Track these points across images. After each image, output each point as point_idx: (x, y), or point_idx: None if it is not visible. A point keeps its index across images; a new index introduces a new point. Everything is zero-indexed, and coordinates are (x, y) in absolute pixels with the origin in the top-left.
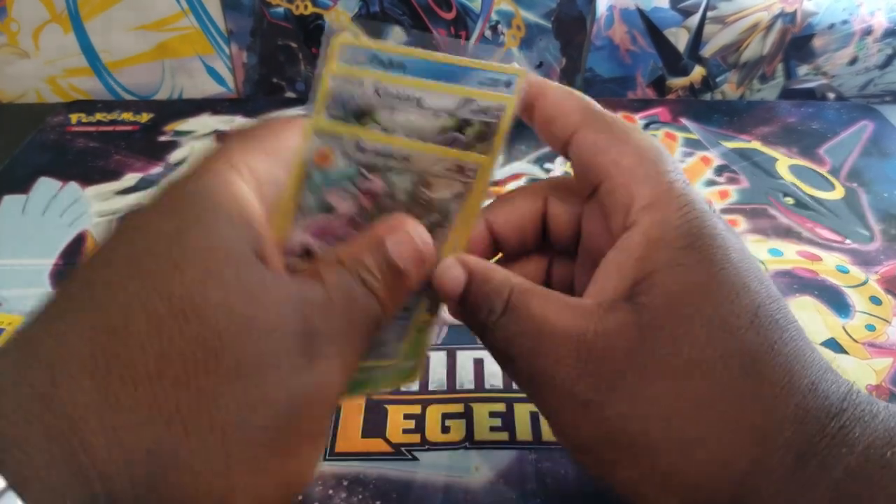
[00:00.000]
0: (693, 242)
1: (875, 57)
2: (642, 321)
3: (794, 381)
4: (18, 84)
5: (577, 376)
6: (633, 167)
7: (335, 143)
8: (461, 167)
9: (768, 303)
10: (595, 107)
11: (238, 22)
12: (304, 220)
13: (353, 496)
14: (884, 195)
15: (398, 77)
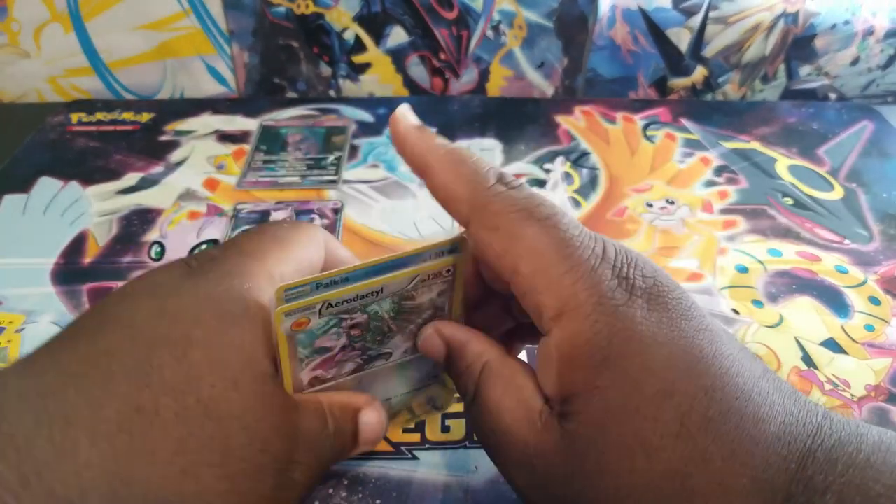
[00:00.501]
0: (606, 358)
1: (877, 57)
2: (570, 449)
3: (729, 487)
4: (19, 84)
5: (529, 486)
6: (532, 276)
7: (306, 312)
8: (436, 273)
9: (698, 400)
10: (479, 190)
11: (239, 21)
12: (303, 365)
13: (353, 495)
14: (883, 196)
15: (344, 289)
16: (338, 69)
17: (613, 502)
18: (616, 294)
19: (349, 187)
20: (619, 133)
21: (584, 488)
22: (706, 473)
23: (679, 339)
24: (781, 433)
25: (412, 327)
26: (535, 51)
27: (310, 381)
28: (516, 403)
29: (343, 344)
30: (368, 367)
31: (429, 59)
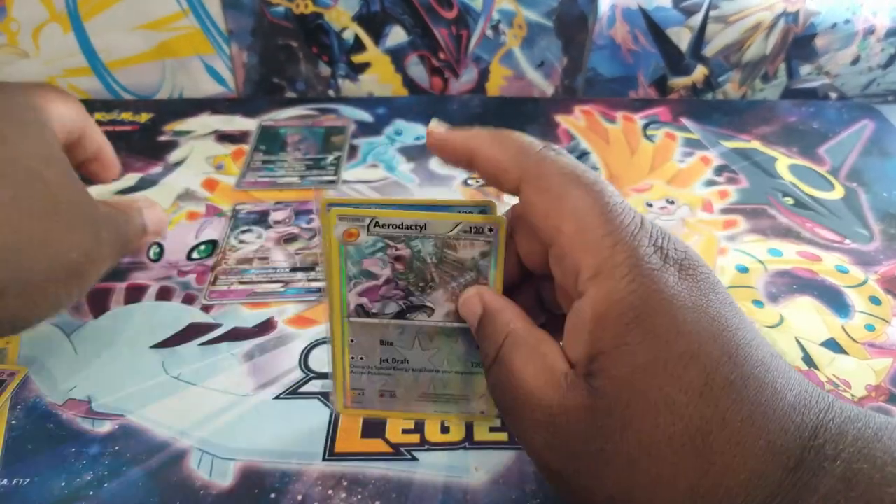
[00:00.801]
0: (638, 316)
1: (877, 56)
2: (595, 405)
3: (747, 447)
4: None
5: (545, 447)
6: (574, 235)
7: (357, 223)
8: (478, 228)
9: (722, 364)
10: (529, 158)
11: (238, 21)
12: (351, 286)
13: (352, 496)
14: (883, 195)
15: (390, 211)
16: (337, 69)
17: (635, 456)
18: (652, 259)
19: (349, 187)
20: (618, 133)
21: (606, 443)
22: (725, 433)
23: (707, 308)
24: (797, 404)
25: (454, 285)
26: (535, 50)
27: (355, 308)
28: (540, 368)
29: (387, 277)
30: (411, 316)
31: (428, 58)
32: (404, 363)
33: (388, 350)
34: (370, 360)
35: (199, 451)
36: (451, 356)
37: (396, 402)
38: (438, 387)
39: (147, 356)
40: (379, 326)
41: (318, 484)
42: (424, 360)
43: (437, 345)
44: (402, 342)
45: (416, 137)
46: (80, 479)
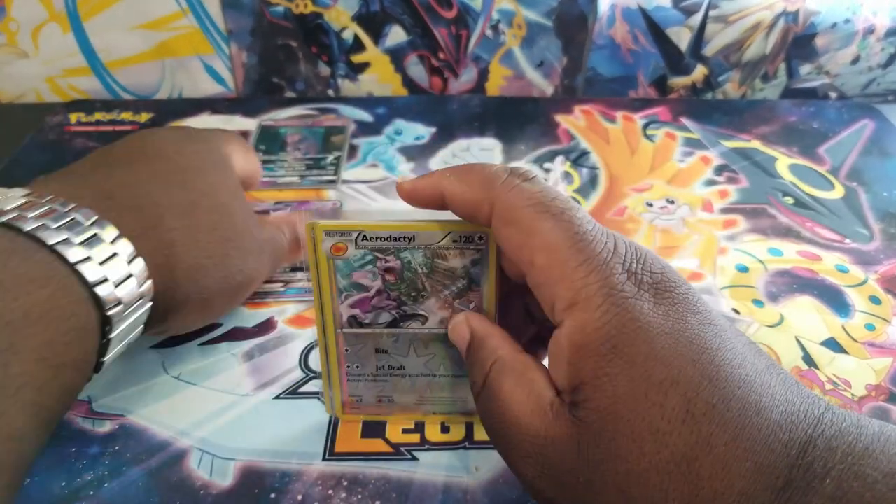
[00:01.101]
0: (615, 346)
1: (877, 56)
2: (581, 437)
3: (733, 469)
4: (18, 84)
5: (537, 476)
6: (546, 268)
7: (344, 238)
8: (468, 237)
9: (703, 388)
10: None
11: (238, 21)
12: (343, 298)
13: (352, 496)
14: (883, 194)
15: (377, 223)
16: (336, 69)
17: (624, 486)
18: (625, 287)
19: (348, 187)
20: (618, 132)
21: (594, 475)
22: (710, 457)
23: (685, 331)
24: (783, 421)
25: (446, 293)
26: (535, 50)
27: (348, 320)
28: (527, 395)
29: (378, 288)
30: (405, 325)
31: (428, 58)
32: (400, 369)
33: (383, 358)
34: (366, 368)
35: (199, 450)
36: (446, 360)
37: (395, 407)
38: (436, 390)
39: (147, 356)
40: (373, 335)
41: (318, 484)
42: (420, 366)
43: (432, 350)
44: (398, 350)
45: (416, 137)
46: (80, 479)
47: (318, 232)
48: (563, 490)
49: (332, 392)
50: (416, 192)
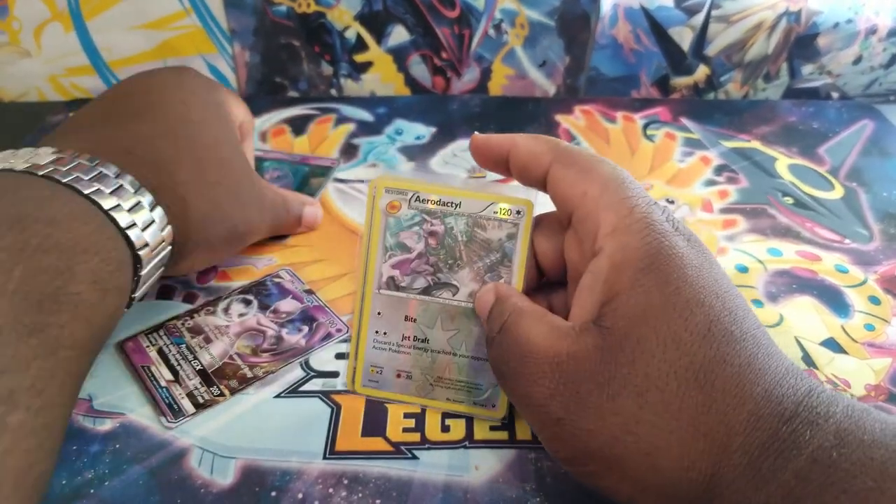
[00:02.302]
0: (652, 264)
1: (880, 56)
2: (606, 344)
3: (745, 389)
4: (20, 83)
5: (550, 396)
6: (598, 196)
7: (400, 196)
8: (506, 210)
9: (723, 316)
10: (562, 144)
11: (240, 20)
12: (387, 257)
13: (353, 495)
14: (883, 195)
15: (431, 186)
16: (339, 68)
17: (643, 388)
18: (665, 225)
19: (348, 186)
20: (618, 132)
21: (615, 377)
22: (726, 373)
23: (711, 270)
24: (790, 369)
25: (480, 265)
26: (537, 50)
27: (386, 281)
28: (547, 329)
29: (420, 251)
30: (436, 293)
31: (430, 57)
32: (424, 342)
33: (410, 327)
34: (392, 336)
35: (200, 449)
36: (468, 339)
37: (412, 385)
38: (454, 372)
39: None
40: (405, 301)
41: (318, 482)
42: (444, 342)
43: (457, 325)
44: (425, 320)
45: (417, 137)
46: (80, 478)
47: (380, 188)
48: (577, 403)
49: (356, 361)
50: (488, 142)
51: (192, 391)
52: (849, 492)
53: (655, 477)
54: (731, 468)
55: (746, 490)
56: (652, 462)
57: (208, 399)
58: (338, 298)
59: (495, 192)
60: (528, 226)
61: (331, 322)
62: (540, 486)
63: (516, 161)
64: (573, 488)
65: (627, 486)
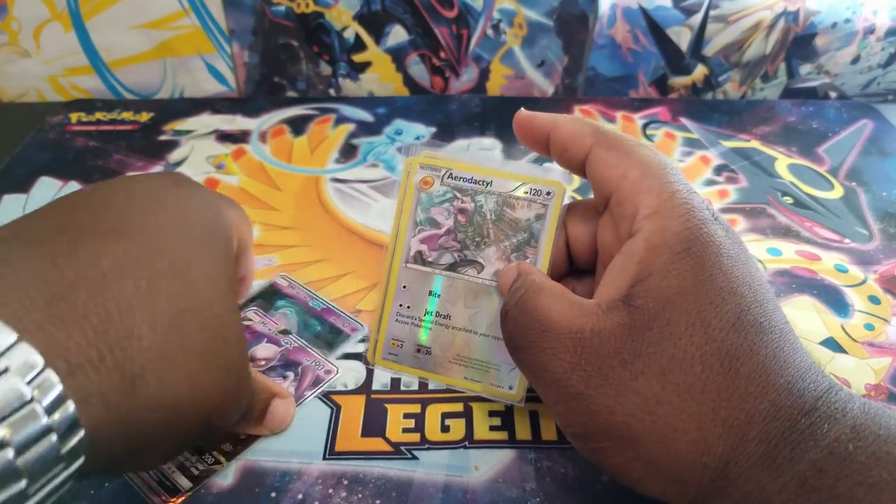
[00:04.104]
0: (689, 248)
1: (877, 56)
2: (633, 322)
3: (769, 380)
4: (19, 83)
5: (570, 370)
6: (639, 179)
7: (433, 172)
8: (536, 191)
9: (754, 307)
10: (603, 127)
11: (239, 20)
12: (416, 231)
13: (352, 495)
14: (883, 194)
15: (464, 164)
16: (338, 68)
17: (667, 368)
18: (705, 212)
19: (348, 186)
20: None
21: (639, 356)
22: (752, 362)
23: (745, 262)
24: (813, 366)
25: (507, 244)
26: (536, 50)
27: (414, 255)
28: (567, 305)
29: (449, 227)
30: (462, 270)
31: (429, 57)
32: (446, 318)
33: (433, 302)
34: (415, 310)
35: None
36: (489, 318)
37: (430, 361)
38: (473, 350)
39: None
40: (431, 276)
41: (318, 483)
42: (465, 319)
43: (479, 304)
44: (449, 296)
45: (416, 137)
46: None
47: (414, 165)
48: (598, 379)
49: (378, 333)
50: (532, 120)
51: (182, 463)
52: (864, 484)
53: (669, 459)
54: (747, 456)
55: (761, 478)
56: (668, 444)
57: (204, 469)
58: (337, 298)
59: (528, 172)
60: (558, 208)
61: (317, 364)
62: (540, 486)
63: (557, 141)
64: (573, 488)
65: (639, 466)
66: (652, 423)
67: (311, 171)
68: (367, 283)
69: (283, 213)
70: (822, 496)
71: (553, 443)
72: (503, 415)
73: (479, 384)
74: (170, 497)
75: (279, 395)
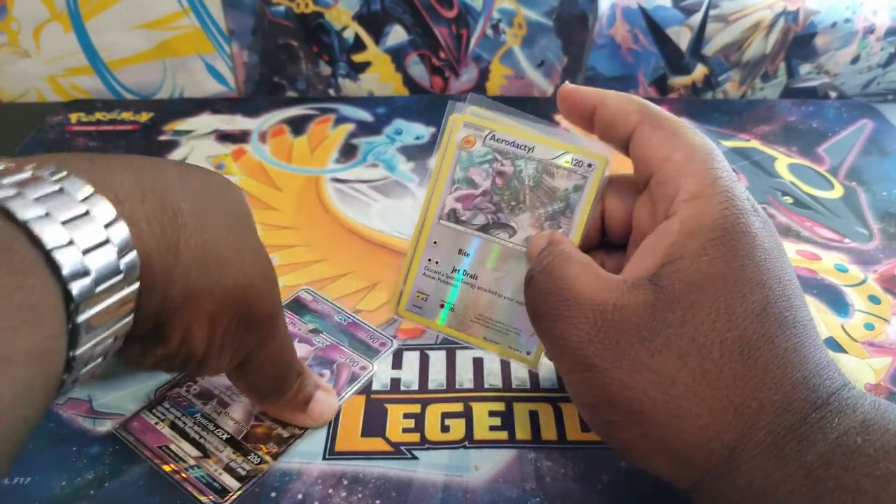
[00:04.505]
0: (724, 236)
1: (877, 55)
2: (657, 302)
3: (786, 373)
4: (19, 83)
5: (587, 341)
6: (683, 162)
7: (476, 132)
8: (579, 161)
9: (780, 300)
10: (651, 107)
11: (239, 21)
12: (452, 189)
13: (352, 495)
14: (883, 194)
15: (508, 127)
16: (337, 68)
17: (686, 350)
18: (745, 203)
19: (348, 186)
20: None
21: (659, 336)
22: (770, 353)
23: (779, 257)
24: (831, 363)
25: (541, 212)
26: (535, 49)
27: (448, 212)
28: (593, 277)
29: (485, 188)
30: (493, 232)
31: (428, 57)
32: (473, 278)
33: (463, 261)
34: (443, 266)
35: None
36: (515, 283)
37: (453, 318)
38: (496, 312)
39: None
40: (463, 235)
41: (318, 483)
42: (491, 281)
43: (507, 267)
44: (479, 257)
45: (416, 137)
46: (80, 479)
47: (458, 123)
48: (615, 354)
49: (404, 285)
50: (576, 93)
51: (228, 464)
52: (871, 475)
53: (677, 440)
54: (754, 445)
55: (767, 467)
56: (677, 425)
57: (250, 469)
58: (339, 298)
59: (572, 142)
60: (597, 181)
61: (352, 361)
62: (540, 486)
63: (603, 117)
64: (573, 488)
65: (645, 443)
66: (664, 403)
67: (311, 171)
68: (367, 283)
69: (283, 213)
70: (827, 487)
71: (553, 443)
72: (503, 415)
73: (498, 346)
74: (220, 497)
75: (323, 388)
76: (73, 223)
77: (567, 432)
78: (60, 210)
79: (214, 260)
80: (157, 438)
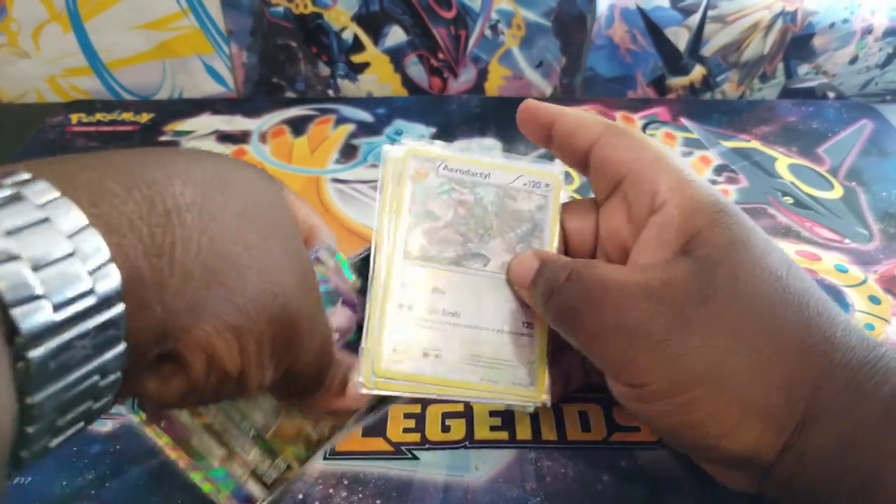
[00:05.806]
0: (724, 210)
1: (875, 56)
2: (701, 269)
3: (833, 314)
4: (19, 84)
5: (650, 318)
6: (655, 160)
7: (428, 164)
8: (535, 182)
9: (793, 263)
10: (610, 122)
11: (238, 21)
12: (413, 225)
13: (353, 495)
14: (882, 194)
15: (459, 156)
16: (336, 69)
17: (745, 303)
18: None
19: (348, 186)
20: None
21: (716, 296)
22: (816, 300)
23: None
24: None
25: (511, 235)
26: (534, 50)
27: (412, 250)
28: (624, 269)
29: (449, 219)
30: (467, 264)
31: (427, 58)
32: (454, 316)
33: (439, 299)
34: (419, 310)
35: None
36: (501, 313)
37: (441, 366)
38: (487, 348)
39: None
40: (433, 272)
41: (318, 483)
42: (475, 315)
43: (488, 297)
44: (456, 291)
45: (417, 137)
46: (81, 478)
47: (406, 155)
48: (681, 320)
49: (373, 351)
50: (536, 107)
51: (254, 469)
52: None
53: (765, 394)
54: (834, 381)
55: (850, 404)
56: (760, 377)
57: (277, 477)
58: None
59: (523, 164)
60: (558, 198)
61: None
62: (540, 486)
63: (563, 127)
64: (573, 488)
65: (735, 410)
66: (745, 358)
67: (311, 171)
68: None
69: None
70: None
71: (553, 443)
72: (503, 415)
73: (498, 384)
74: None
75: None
76: (22, 233)
77: (567, 432)
78: (9, 217)
79: (229, 263)
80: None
